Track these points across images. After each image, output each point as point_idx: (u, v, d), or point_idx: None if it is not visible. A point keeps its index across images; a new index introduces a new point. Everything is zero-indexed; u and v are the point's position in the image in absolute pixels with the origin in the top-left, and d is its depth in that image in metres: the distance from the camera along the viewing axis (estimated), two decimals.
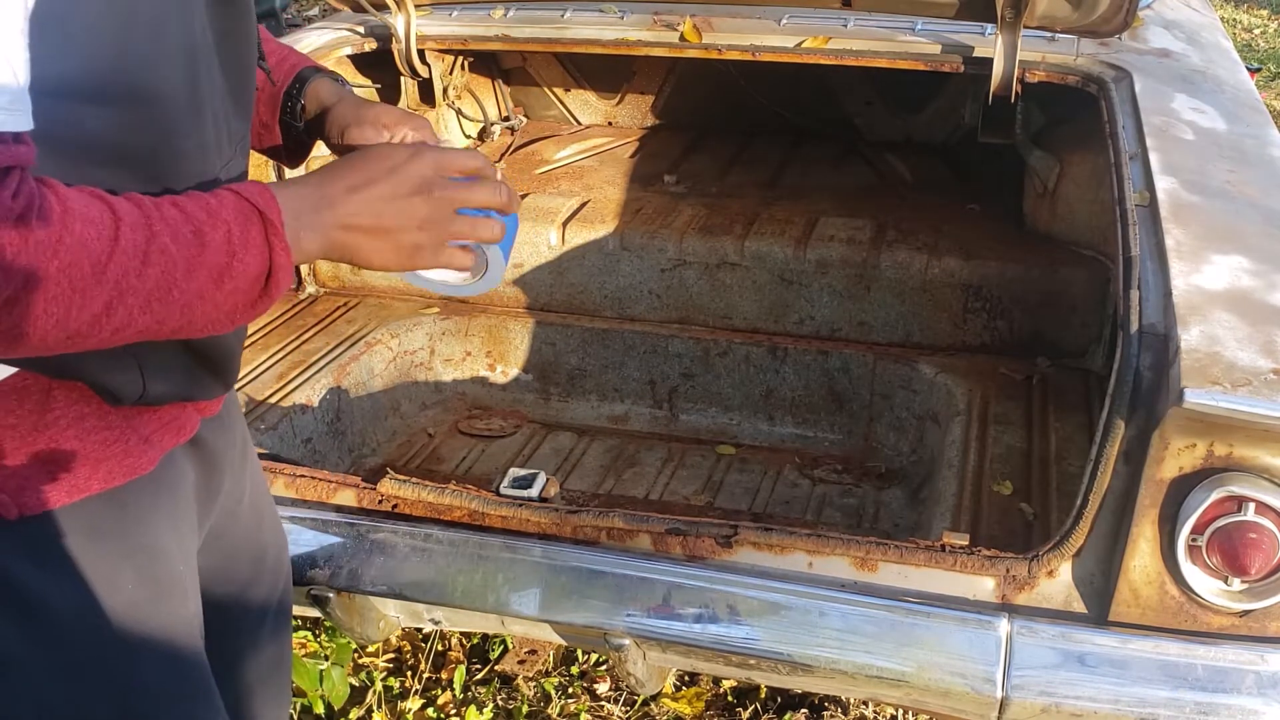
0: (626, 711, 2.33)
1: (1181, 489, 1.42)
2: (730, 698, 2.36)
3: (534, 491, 1.68)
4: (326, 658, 2.34)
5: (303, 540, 1.68)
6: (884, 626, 1.50)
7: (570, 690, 2.39)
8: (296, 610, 2.13)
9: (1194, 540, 1.42)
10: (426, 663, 2.43)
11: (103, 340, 0.93)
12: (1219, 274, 1.60)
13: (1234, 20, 7.21)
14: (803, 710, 2.32)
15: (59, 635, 1.11)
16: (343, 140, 1.34)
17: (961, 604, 1.51)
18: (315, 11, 6.58)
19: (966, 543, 1.54)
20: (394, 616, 1.80)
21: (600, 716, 2.33)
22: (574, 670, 2.43)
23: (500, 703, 2.35)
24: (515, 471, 1.72)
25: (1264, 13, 7.41)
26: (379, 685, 2.35)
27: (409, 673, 2.42)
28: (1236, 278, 1.59)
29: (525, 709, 2.33)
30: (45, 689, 1.12)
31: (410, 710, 2.32)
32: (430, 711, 2.33)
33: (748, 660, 1.57)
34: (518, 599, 1.59)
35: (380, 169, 1.11)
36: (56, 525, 1.09)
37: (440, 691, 2.37)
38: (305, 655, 2.35)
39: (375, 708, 2.32)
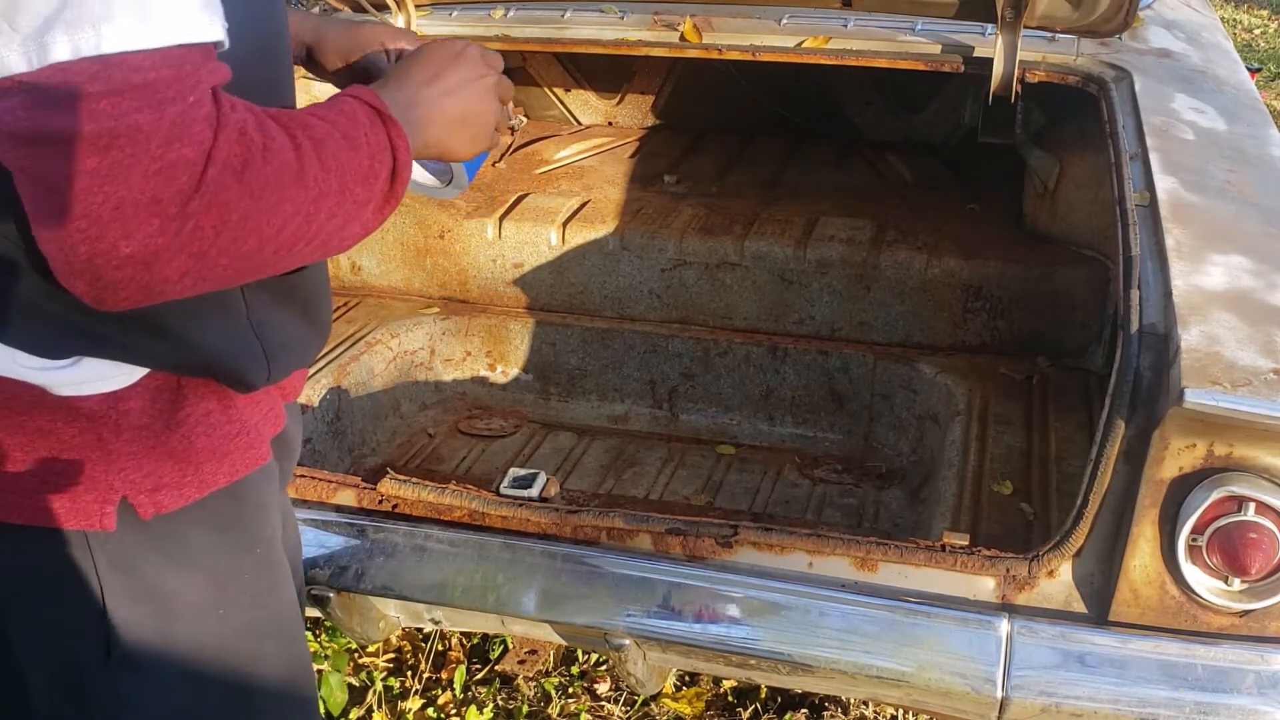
0: (626, 711, 2.33)
1: (1181, 489, 1.42)
2: (730, 698, 2.36)
3: (534, 491, 1.68)
4: (326, 657, 2.34)
5: (303, 540, 1.67)
6: (884, 626, 1.50)
7: (570, 690, 2.39)
8: None
9: (1194, 540, 1.42)
10: (427, 663, 2.43)
11: (277, 257, 0.93)
12: (1219, 274, 1.60)
13: (1234, 20, 7.22)
14: (803, 710, 2.32)
15: (191, 632, 1.13)
16: (346, 63, 1.36)
17: (961, 604, 1.51)
18: (315, 11, 6.59)
19: (966, 543, 1.54)
20: (394, 616, 1.80)
21: (600, 716, 2.33)
22: (574, 670, 2.43)
23: (500, 703, 2.35)
24: (515, 471, 1.72)
25: (1264, 13, 7.42)
26: (379, 685, 2.35)
27: (409, 673, 2.42)
28: (1236, 278, 1.59)
29: (525, 709, 2.33)
30: (175, 688, 1.14)
31: (410, 710, 2.32)
32: (430, 711, 2.33)
33: (748, 660, 1.57)
34: (518, 599, 1.59)
35: (446, 61, 1.15)
36: (187, 522, 1.10)
37: (440, 691, 2.37)
38: None
39: (375, 708, 2.32)
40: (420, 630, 2.48)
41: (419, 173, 1.32)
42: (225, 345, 1.07)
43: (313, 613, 1.78)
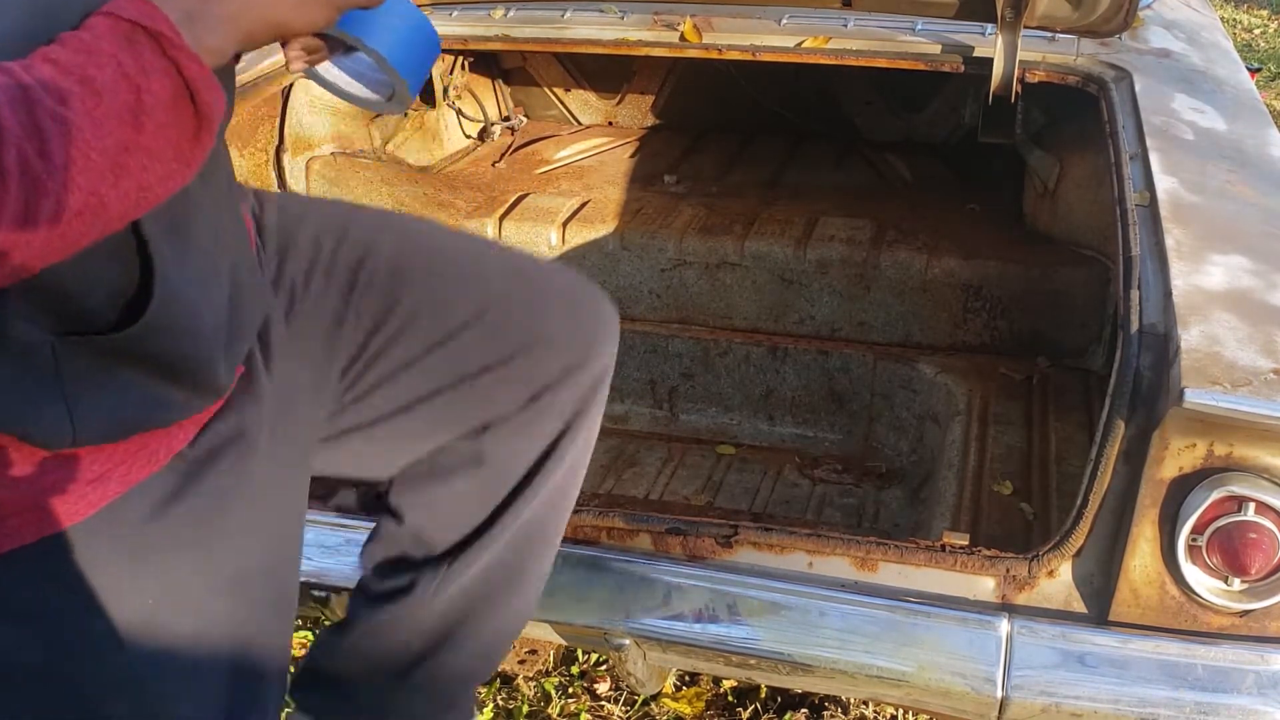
0: (626, 711, 2.33)
1: (1181, 489, 1.42)
2: (730, 698, 2.36)
3: None
4: None
5: (303, 540, 1.67)
6: (884, 626, 1.50)
7: (570, 690, 2.39)
8: (297, 610, 2.14)
9: (1194, 540, 1.42)
10: None
11: (53, 243, 0.78)
12: (1219, 274, 1.60)
13: (1234, 20, 7.21)
14: (803, 710, 2.31)
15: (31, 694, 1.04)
16: None
17: (961, 604, 1.50)
18: None
19: (966, 543, 1.54)
20: None
21: (600, 716, 2.33)
22: (574, 670, 2.43)
23: (500, 702, 2.35)
24: None
25: (1264, 13, 7.41)
26: None
27: None
28: (1236, 278, 1.59)
29: (525, 709, 2.33)
30: None
31: None
32: None
33: (748, 660, 1.57)
34: None
35: None
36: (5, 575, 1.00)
37: None
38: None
39: None
40: None
41: (349, 83, 1.13)
42: (13, 399, 0.92)
43: (313, 612, 1.78)
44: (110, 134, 0.79)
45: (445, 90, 2.98)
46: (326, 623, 2.20)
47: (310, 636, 2.41)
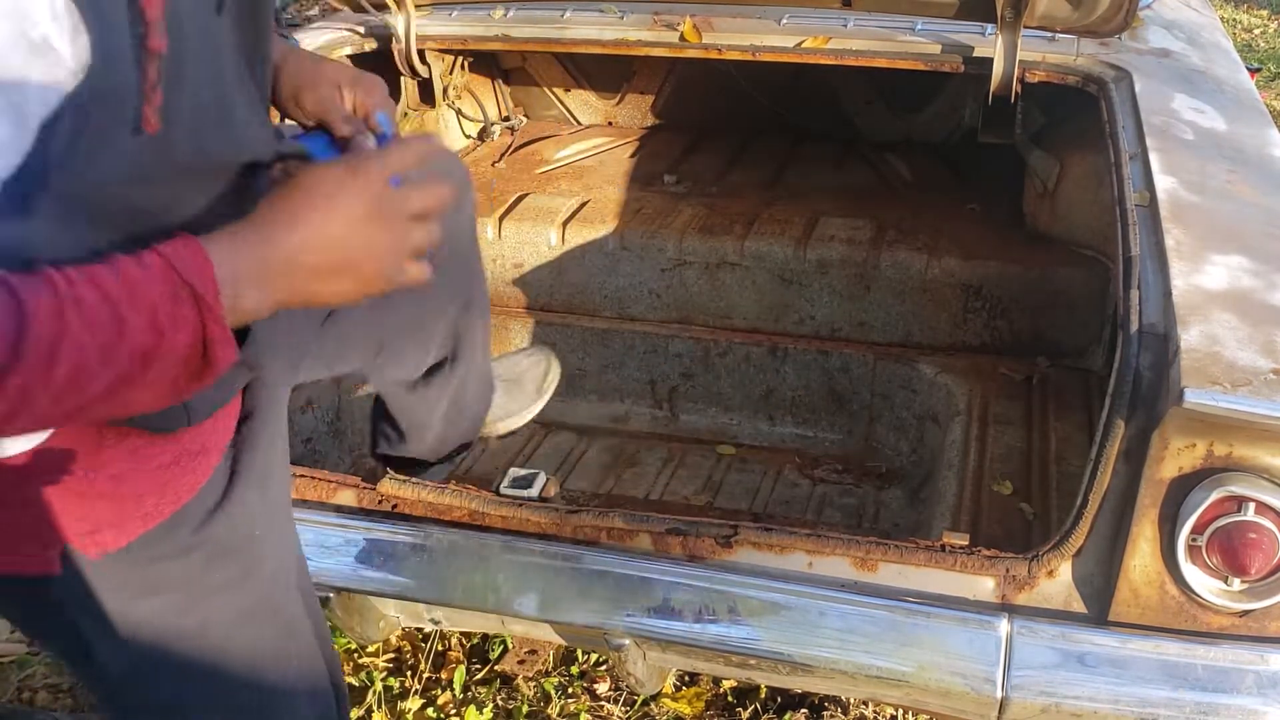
0: (626, 711, 2.33)
1: (1181, 489, 1.42)
2: (730, 698, 2.36)
3: (534, 491, 1.68)
4: None
5: (303, 540, 1.67)
6: (884, 626, 1.50)
7: (570, 690, 2.39)
8: None
9: (1194, 540, 1.42)
10: (426, 663, 2.43)
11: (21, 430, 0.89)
12: (1219, 274, 1.60)
13: (1234, 20, 7.21)
14: (803, 710, 2.31)
15: (175, 649, 1.16)
16: (298, 105, 1.24)
17: (961, 604, 1.50)
18: (315, 11, 6.58)
19: (966, 543, 1.53)
20: (394, 616, 1.80)
21: (600, 716, 2.33)
22: (574, 670, 2.43)
23: (500, 703, 2.35)
24: (515, 471, 1.72)
25: (1264, 13, 7.40)
26: (379, 685, 2.35)
27: (409, 673, 2.41)
28: (1236, 278, 1.59)
29: (525, 709, 2.33)
30: (178, 698, 1.21)
31: (410, 710, 2.31)
32: (430, 711, 2.32)
33: (748, 660, 1.57)
34: (518, 599, 1.59)
35: (320, 197, 0.97)
36: (143, 551, 1.10)
37: (440, 691, 2.37)
38: None
39: (375, 708, 2.32)
40: (420, 630, 2.47)
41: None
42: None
43: None
44: (118, 369, 0.86)
45: (445, 90, 2.98)
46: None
47: None
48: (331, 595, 1.68)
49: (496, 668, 2.40)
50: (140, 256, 0.87)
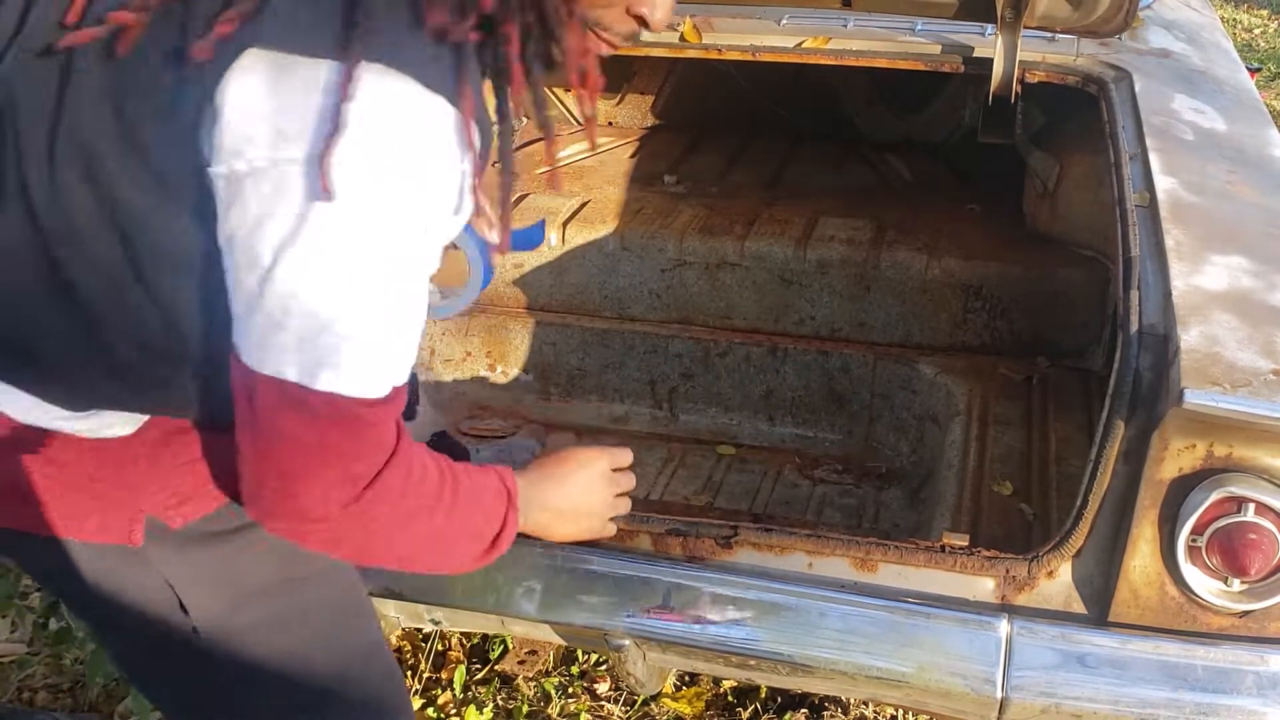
0: (626, 711, 2.33)
1: (1181, 489, 1.42)
2: (730, 697, 2.36)
3: None
4: None
5: None
6: (884, 627, 1.50)
7: (570, 690, 2.39)
8: None
9: (1194, 541, 1.42)
10: (426, 662, 2.43)
11: (385, 561, 1.20)
12: (1219, 274, 1.60)
13: (1234, 20, 7.21)
14: (803, 710, 2.32)
15: (263, 608, 1.30)
16: None
17: (961, 605, 1.50)
18: None
19: (966, 543, 1.53)
20: (394, 617, 1.80)
21: (600, 716, 2.34)
22: (574, 670, 2.43)
23: (500, 702, 2.35)
24: None
25: (1264, 12, 7.41)
26: None
27: (409, 673, 2.42)
28: (1236, 278, 1.59)
29: (525, 709, 2.33)
30: (255, 662, 1.32)
31: None
32: (430, 711, 2.33)
33: (747, 661, 1.57)
34: (518, 599, 1.59)
35: (579, 467, 1.46)
36: (223, 521, 1.26)
37: (440, 691, 2.37)
38: None
39: None
40: (420, 630, 2.47)
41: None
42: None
43: None
44: (460, 532, 1.23)
45: None
46: None
47: None
48: None
49: (496, 668, 2.40)
50: (483, 468, 1.28)
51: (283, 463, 1.05)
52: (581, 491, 1.46)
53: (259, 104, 0.99)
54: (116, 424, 1.20)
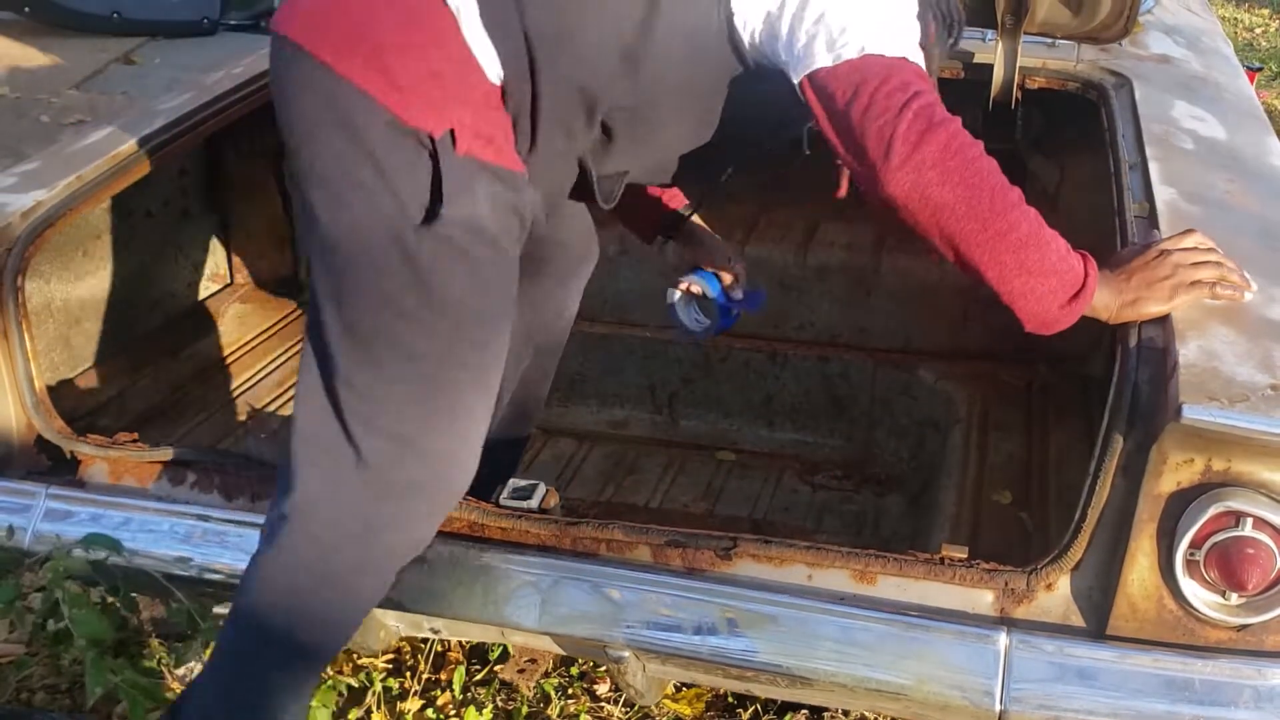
0: (626, 713, 2.34)
1: (1179, 503, 1.42)
2: (730, 698, 2.37)
3: (534, 502, 1.68)
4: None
5: None
6: (883, 639, 1.50)
7: (570, 691, 2.39)
8: None
9: (1192, 555, 1.42)
10: (426, 664, 2.43)
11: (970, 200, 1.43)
12: None
13: (1235, 19, 7.21)
14: (803, 712, 2.32)
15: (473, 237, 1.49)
16: (699, 253, 2.09)
17: (960, 617, 1.50)
18: None
19: (965, 555, 1.53)
20: (394, 626, 1.81)
21: (600, 717, 2.34)
22: (573, 671, 2.44)
23: (500, 704, 2.36)
24: (515, 482, 1.72)
25: (1265, 12, 7.41)
26: (378, 686, 2.35)
27: (408, 673, 2.42)
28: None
29: (525, 710, 2.33)
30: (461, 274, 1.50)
31: (409, 711, 2.32)
32: (429, 712, 2.33)
33: (746, 673, 1.57)
34: (517, 611, 1.59)
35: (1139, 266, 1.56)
36: (486, 169, 1.49)
37: (440, 692, 2.37)
38: None
39: (374, 709, 2.32)
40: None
41: (687, 317, 2.07)
42: None
43: None
44: (1026, 252, 1.46)
45: None
46: None
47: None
48: None
49: (496, 671, 2.40)
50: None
51: (867, 122, 1.42)
52: (1157, 279, 1.54)
53: None
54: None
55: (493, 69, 1.47)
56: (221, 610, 1.71)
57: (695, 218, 2.07)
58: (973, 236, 1.44)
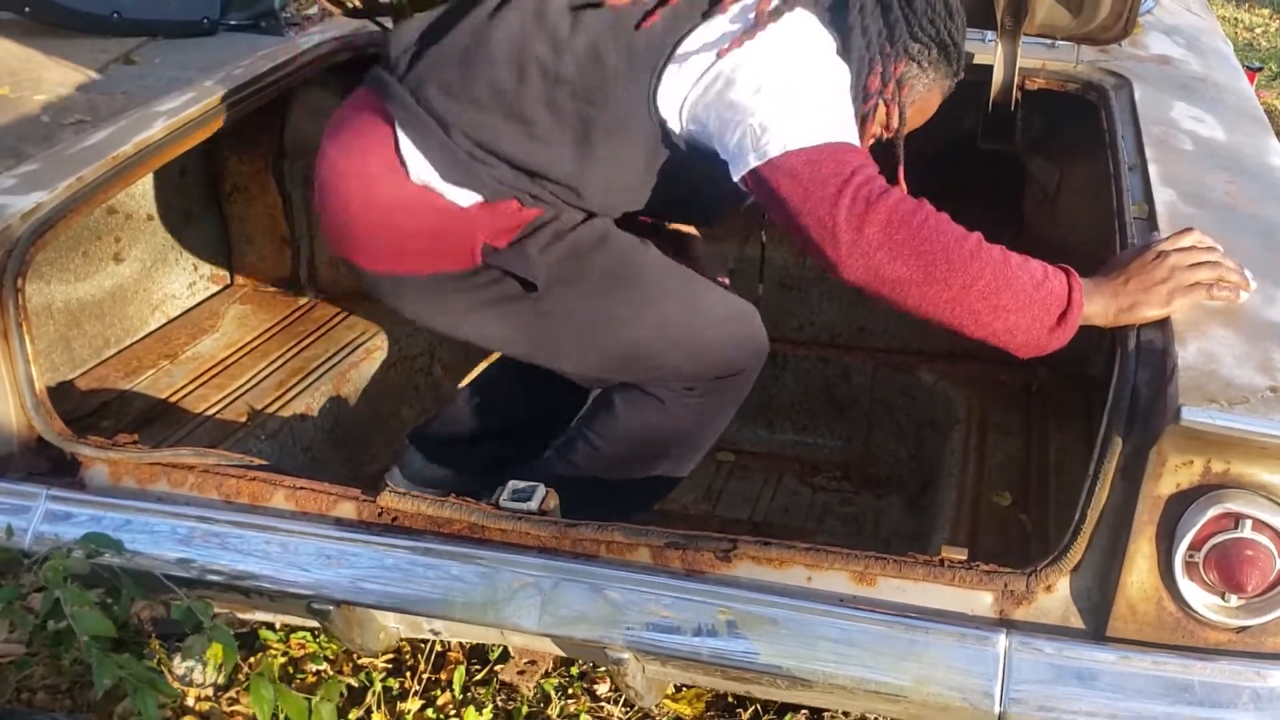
0: (626, 712, 2.34)
1: (1179, 505, 1.42)
2: (730, 698, 2.37)
3: (533, 504, 1.68)
4: (327, 659, 2.35)
5: (303, 551, 1.68)
6: (882, 641, 1.50)
7: (570, 691, 2.40)
8: (296, 620, 2.14)
9: (1191, 557, 1.42)
10: (426, 663, 2.43)
11: (926, 267, 1.46)
12: None
13: (1235, 19, 7.21)
14: (803, 712, 2.32)
15: (575, 282, 1.79)
16: None
17: (960, 619, 1.50)
18: (314, 11, 6.56)
19: (965, 557, 1.53)
20: (394, 627, 1.81)
21: (600, 717, 2.34)
22: (573, 671, 2.44)
23: (500, 704, 2.36)
24: (515, 484, 1.71)
25: (1265, 12, 7.41)
26: (378, 686, 2.35)
27: (408, 673, 2.42)
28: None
29: (525, 710, 2.33)
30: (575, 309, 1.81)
31: (409, 711, 2.32)
32: (429, 712, 2.33)
33: (746, 674, 1.57)
34: (517, 613, 1.59)
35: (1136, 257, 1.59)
36: (533, 242, 1.75)
37: (440, 692, 2.38)
38: (304, 655, 2.36)
39: (375, 708, 2.32)
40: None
41: None
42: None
43: (312, 623, 1.78)
44: (998, 288, 1.48)
45: None
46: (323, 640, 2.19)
47: (309, 637, 2.42)
48: (331, 608, 1.68)
49: (496, 671, 2.40)
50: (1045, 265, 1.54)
51: (805, 217, 1.45)
52: (1154, 283, 1.54)
53: None
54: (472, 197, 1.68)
55: (471, 201, 1.73)
56: (222, 610, 1.72)
57: (690, 227, 2.07)
58: (939, 299, 1.48)
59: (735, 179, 1.54)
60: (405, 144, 1.69)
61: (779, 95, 1.50)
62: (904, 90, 1.69)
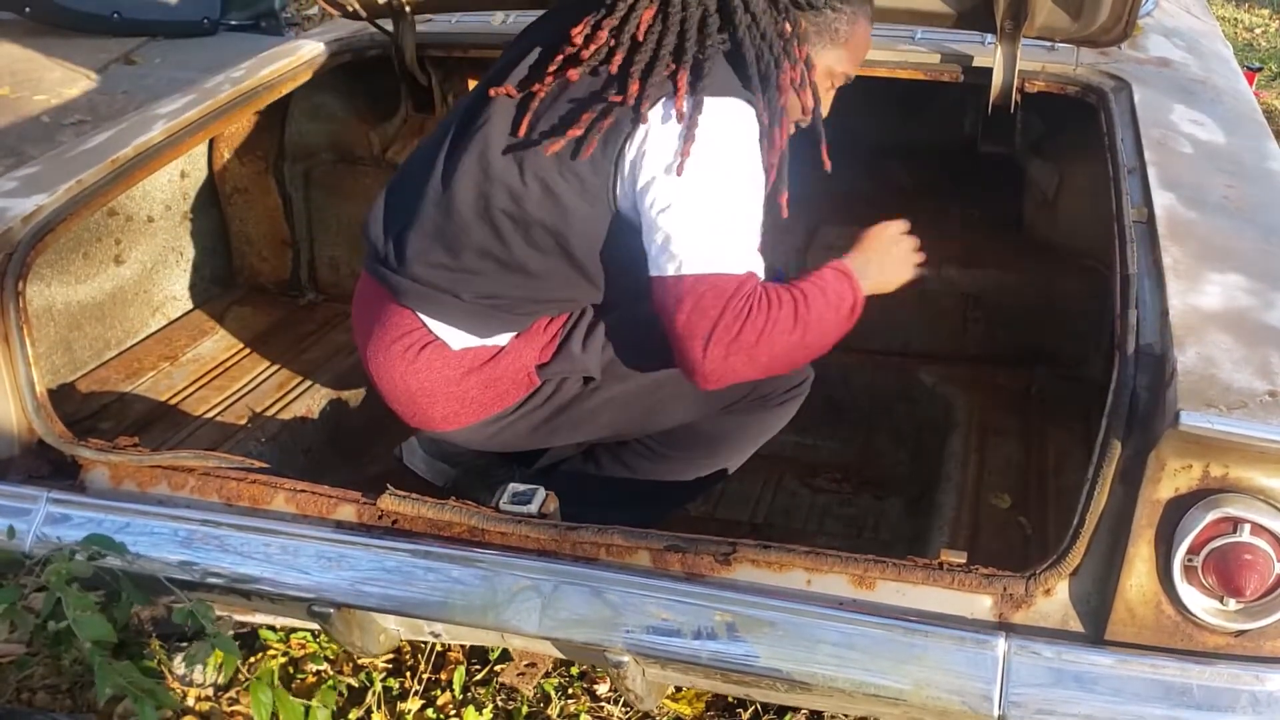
0: (626, 712, 2.34)
1: (1177, 509, 1.43)
2: (730, 699, 2.37)
3: (533, 507, 1.68)
4: (327, 659, 2.35)
5: (303, 555, 1.68)
6: (882, 644, 1.50)
7: (570, 691, 2.40)
8: (296, 622, 2.14)
9: (1190, 561, 1.42)
10: (426, 664, 2.43)
11: (778, 361, 1.64)
12: (1216, 293, 1.60)
13: (1235, 19, 7.20)
14: (802, 714, 2.32)
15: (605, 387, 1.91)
16: None
17: (959, 622, 1.50)
18: (314, 10, 6.56)
19: (964, 561, 1.54)
20: (394, 630, 1.81)
21: (600, 717, 2.34)
22: (573, 671, 2.44)
23: (500, 704, 2.36)
24: (515, 487, 1.72)
25: (1265, 12, 7.40)
26: (378, 686, 2.35)
27: (408, 673, 2.42)
28: (1233, 297, 1.60)
29: (525, 710, 2.34)
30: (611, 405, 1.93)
31: (410, 711, 2.32)
32: (430, 712, 2.33)
33: (745, 677, 1.57)
34: (516, 616, 1.59)
35: (874, 243, 1.86)
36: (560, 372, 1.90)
37: (440, 692, 2.38)
38: (304, 656, 2.36)
39: (375, 708, 2.32)
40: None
41: None
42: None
43: (312, 625, 1.78)
44: (824, 317, 1.67)
45: (445, 97, 2.97)
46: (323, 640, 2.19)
47: (309, 637, 2.42)
48: (332, 611, 1.68)
49: (496, 671, 2.40)
50: (819, 272, 1.73)
51: (683, 340, 1.59)
52: (893, 259, 1.85)
53: None
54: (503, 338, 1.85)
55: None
56: (223, 612, 1.72)
57: None
58: (791, 363, 1.68)
59: (650, 276, 1.66)
60: (432, 323, 1.84)
61: (686, 219, 1.62)
62: (813, 71, 1.78)
